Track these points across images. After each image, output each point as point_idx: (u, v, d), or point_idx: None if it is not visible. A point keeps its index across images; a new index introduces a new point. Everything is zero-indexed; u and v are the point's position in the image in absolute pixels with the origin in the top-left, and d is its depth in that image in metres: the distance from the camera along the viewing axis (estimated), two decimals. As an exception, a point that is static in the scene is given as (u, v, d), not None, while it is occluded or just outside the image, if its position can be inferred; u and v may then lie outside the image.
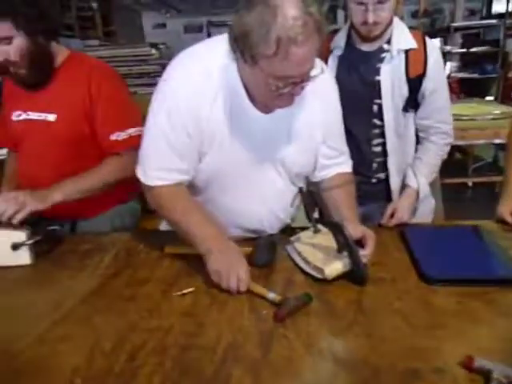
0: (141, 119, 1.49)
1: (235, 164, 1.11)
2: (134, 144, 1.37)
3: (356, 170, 1.30)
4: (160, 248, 1.20)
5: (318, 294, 0.96)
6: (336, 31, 1.47)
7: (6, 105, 1.50)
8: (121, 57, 6.96)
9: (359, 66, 1.41)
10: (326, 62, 1.40)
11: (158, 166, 1.10)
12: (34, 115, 1.40)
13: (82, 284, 1.06)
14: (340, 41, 1.43)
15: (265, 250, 1.11)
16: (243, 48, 0.91)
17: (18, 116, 1.43)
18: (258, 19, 0.85)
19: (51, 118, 1.38)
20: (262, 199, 1.18)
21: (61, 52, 1.42)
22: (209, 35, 11.15)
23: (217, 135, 1.06)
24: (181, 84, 1.03)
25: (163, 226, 1.35)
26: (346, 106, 1.22)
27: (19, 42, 1.27)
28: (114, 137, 1.41)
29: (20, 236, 1.15)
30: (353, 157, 1.29)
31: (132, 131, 1.42)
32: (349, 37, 1.43)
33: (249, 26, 0.86)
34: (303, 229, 1.21)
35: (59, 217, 1.42)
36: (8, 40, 1.25)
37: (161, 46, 7.39)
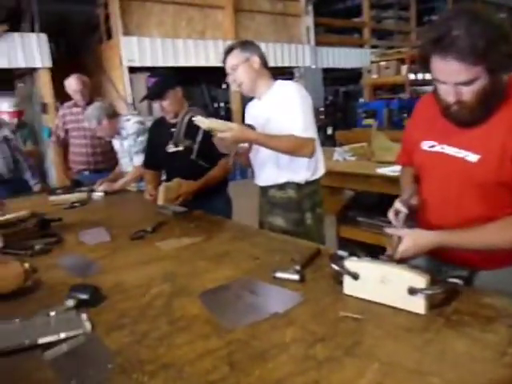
0: None
1: None
2: None
3: None
4: None
5: None
6: None
7: (416, 130, 1.34)
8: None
9: None
10: None
11: None
12: (450, 150, 1.21)
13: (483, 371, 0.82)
14: None
15: None
16: None
17: (430, 147, 1.26)
18: None
19: (472, 158, 1.16)
20: None
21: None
22: None
23: None
24: None
25: None
26: None
27: (480, 83, 1.07)
28: None
29: (420, 282, 1.01)
30: None
31: None
32: None
33: None
34: None
35: (457, 262, 1.22)
36: (470, 82, 1.07)
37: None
